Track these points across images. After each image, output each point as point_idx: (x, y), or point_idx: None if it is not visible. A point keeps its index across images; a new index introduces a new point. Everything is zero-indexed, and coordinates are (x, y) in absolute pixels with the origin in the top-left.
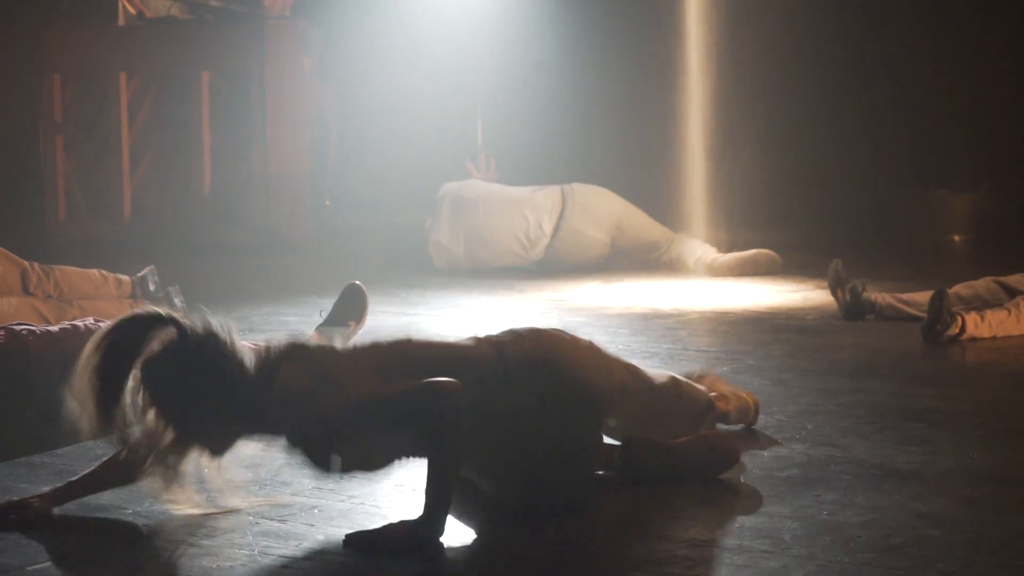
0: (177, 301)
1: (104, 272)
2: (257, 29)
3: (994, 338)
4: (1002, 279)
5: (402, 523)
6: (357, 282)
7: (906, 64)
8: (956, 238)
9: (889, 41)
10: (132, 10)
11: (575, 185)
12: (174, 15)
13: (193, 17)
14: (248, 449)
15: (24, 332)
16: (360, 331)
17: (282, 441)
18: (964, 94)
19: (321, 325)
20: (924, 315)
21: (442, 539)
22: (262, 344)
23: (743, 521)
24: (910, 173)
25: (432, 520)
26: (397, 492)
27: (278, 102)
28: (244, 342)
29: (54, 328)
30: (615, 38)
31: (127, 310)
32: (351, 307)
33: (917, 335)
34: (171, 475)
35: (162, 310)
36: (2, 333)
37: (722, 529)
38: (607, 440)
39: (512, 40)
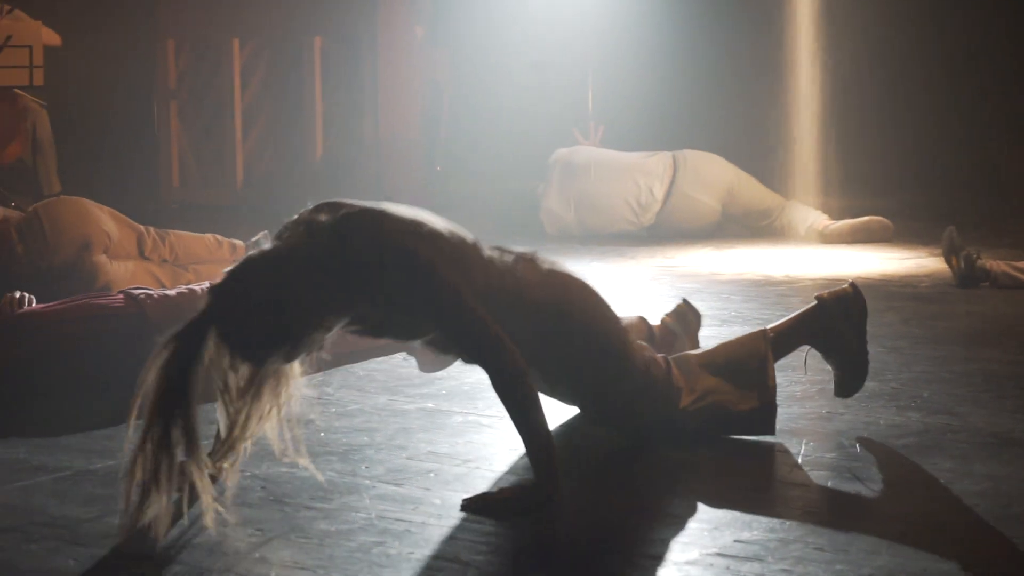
0: None
1: (218, 237)
2: None
3: None
4: None
5: (519, 486)
6: None
7: (1022, 25)
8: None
9: (1010, 5)
10: None
11: (687, 151)
12: None
13: None
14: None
15: (142, 296)
16: None
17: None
18: None
19: None
20: None
21: (558, 501)
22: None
23: (862, 489)
24: (1020, 137)
25: (544, 482)
26: (513, 455)
27: (390, 67)
28: None
29: (171, 292)
30: (727, 8)
31: None
32: None
33: None
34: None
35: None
36: (120, 297)
37: (839, 497)
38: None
39: (624, 7)
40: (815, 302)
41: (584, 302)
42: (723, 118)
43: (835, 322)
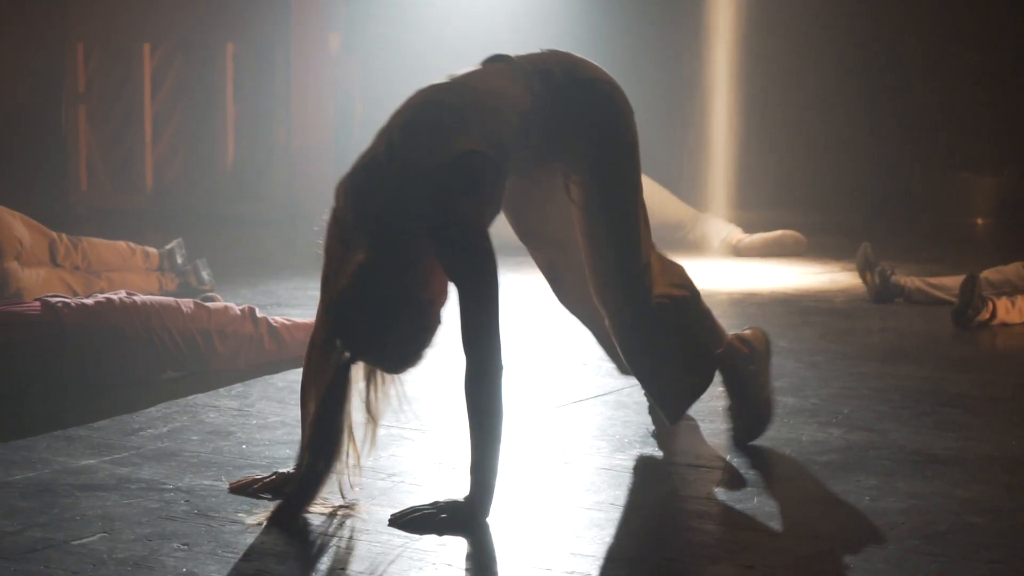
0: (204, 275)
1: (131, 244)
2: (283, 1)
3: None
4: None
5: (448, 502)
6: None
7: (934, 47)
8: (979, 221)
9: (919, 24)
10: None
11: None
12: None
13: None
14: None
15: (59, 304)
16: None
17: None
18: (990, 78)
19: None
20: (953, 299)
21: (489, 519)
22: None
23: (787, 506)
24: (935, 156)
25: (477, 498)
26: (439, 469)
27: (302, 75)
28: None
29: (89, 301)
30: (644, 15)
31: (154, 283)
32: None
33: (946, 319)
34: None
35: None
36: (37, 304)
37: (765, 514)
38: None
39: (540, 14)
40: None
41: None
42: (638, 130)
43: (740, 364)
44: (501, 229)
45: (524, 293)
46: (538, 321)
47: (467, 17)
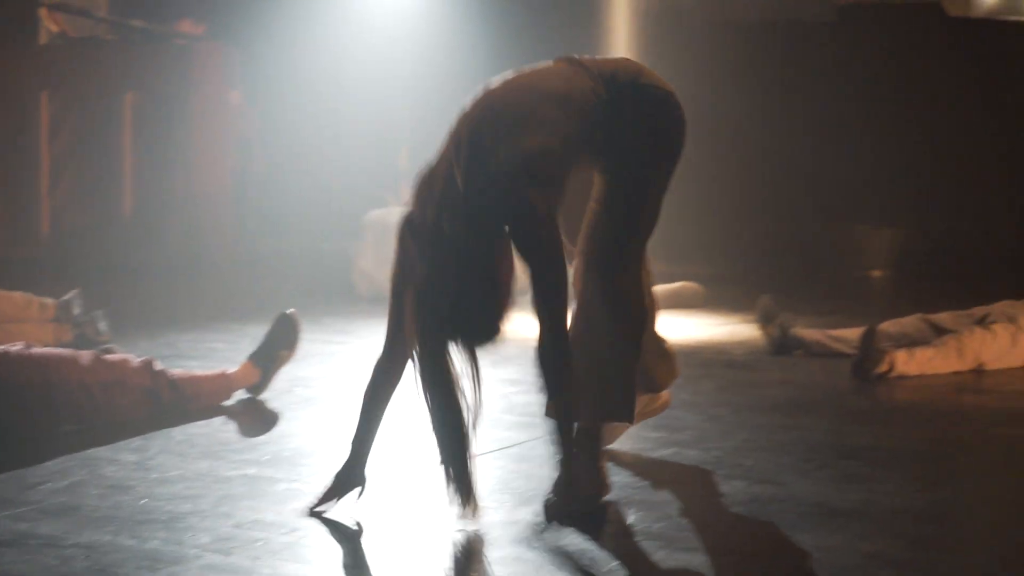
0: (102, 326)
1: (28, 295)
2: (182, 50)
3: (922, 376)
4: (929, 317)
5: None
6: (290, 311)
7: (830, 100)
8: (876, 273)
9: (813, 78)
10: (55, 28)
11: None
12: (98, 35)
13: (117, 37)
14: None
15: None
16: (291, 360)
17: None
18: (885, 131)
19: (253, 353)
20: (852, 352)
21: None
22: None
23: (692, 560)
24: (833, 208)
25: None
26: (341, 525)
27: (201, 124)
28: None
29: None
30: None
31: (50, 334)
32: (284, 336)
33: (846, 372)
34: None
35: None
36: None
37: (669, 568)
38: None
39: (438, 68)
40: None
41: None
42: None
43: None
44: None
45: None
46: None
47: (367, 70)
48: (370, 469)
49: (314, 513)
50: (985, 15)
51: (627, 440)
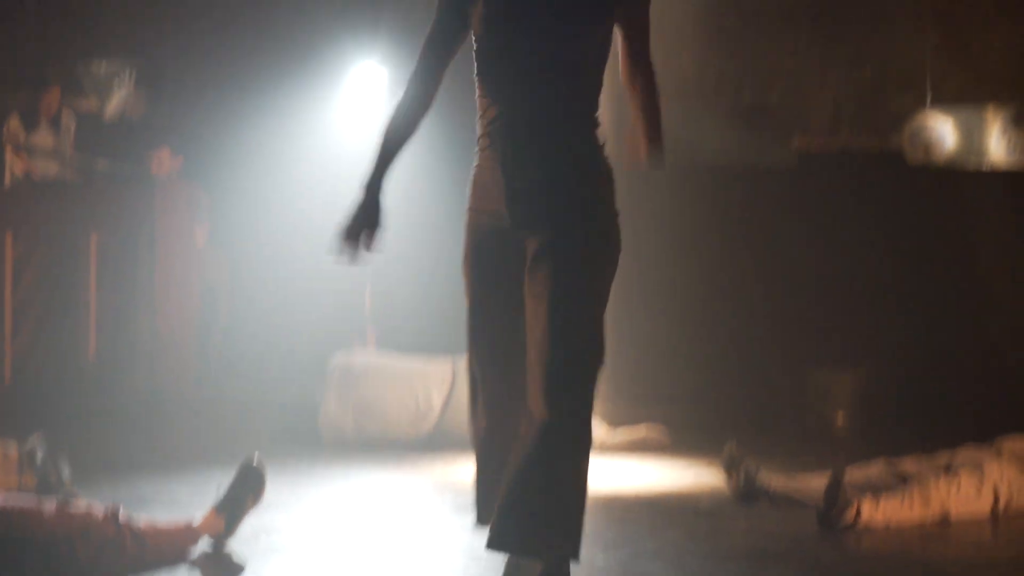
0: (64, 472)
1: None
2: (147, 192)
3: (888, 525)
4: (894, 463)
5: None
6: (255, 459)
7: (791, 245)
8: (839, 416)
9: (775, 223)
10: (19, 171)
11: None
12: (64, 177)
13: (83, 179)
14: None
15: None
16: (256, 508)
17: None
18: (846, 276)
19: (218, 502)
20: (818, 500)
21: None
22: None
23: None
24: (793, 352)
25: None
26: None
27: (167, 267)
28: None
29: None
30: None
31: (12, 480)
32: (248, 484)
33: (812, 520)
34: None
35: None
36: None
37: None
38: None
39: (401, 209)
40: None
41: None
42: None
43: None
44: None
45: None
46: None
47: (331, 215)
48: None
49: (337, 258)
50: (945, 164)
51: None
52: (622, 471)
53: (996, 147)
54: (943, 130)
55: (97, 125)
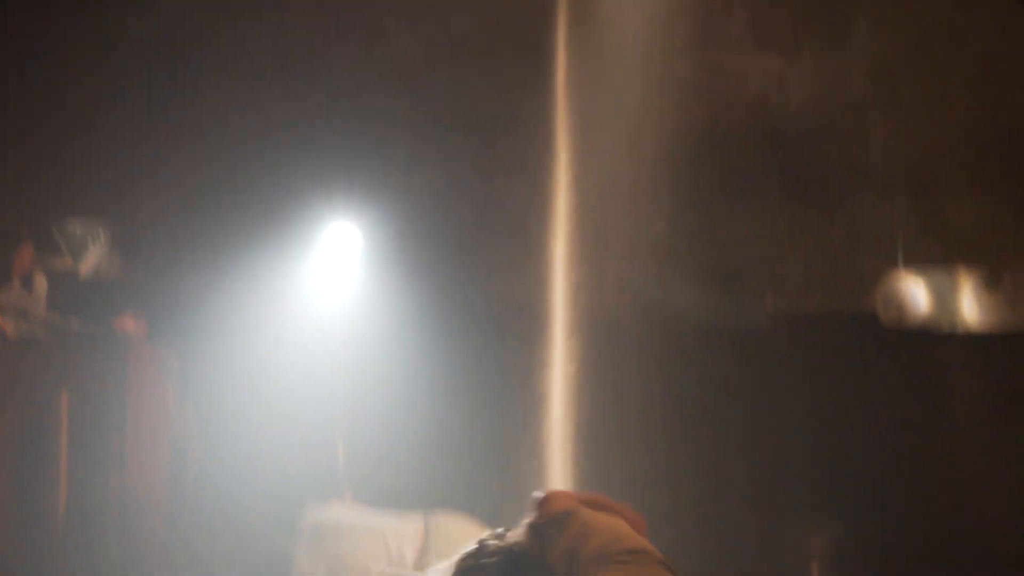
0: None
1: None
2: (119, 352)
3: None
4: None
5: None
6: None
7: (767, 405)
8: (814, 569)
9: (748, 385)
10: None
11: (438, 515)
12: (34, 336)
13: (54, 338)
14: None
15: None
16: None
17: None
18: (822, 436)
19: None
20: None
21: None
22: None
23: None
24: (769, 507)
25: None
26: None
27: (137, 426)
28: None
29: None
30: (482, 368)
31: None
32: None
33: None
34: None
35: None
36: None
37: None
38: None
39: (372, 363)
40: None
41: None
42: (478, 472)
43: None
44: None
45: None
46: None
47: (304, 368)
48: None
49: None
50: (919, 325)
51: None
52: None
53: (968, 310)
54: (915, 292)
55: (70, 284)
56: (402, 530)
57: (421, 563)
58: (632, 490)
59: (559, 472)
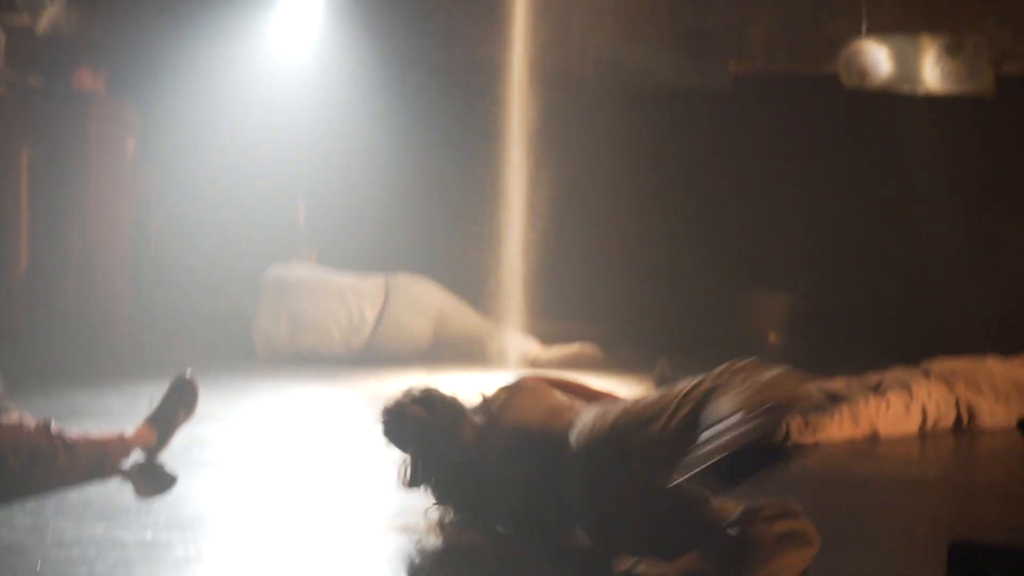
0: None
1: None
2: (78, 107)
3: (817, 444)
4: (824, 383)
5: None
6: (188, 373)
7: (726, 168)
8: (772, 337)
9: (709, 146)
10: None
11: (399, 276)
12: None
13: (13, 94)
14: None
15: None
16: (189, 421)
17: None
18: (779, 198)
19: (150, 415)
20: None
21: None
22: None
23: None
24: (729, 270)
25: None
26: None
27: (98, 181)
28: None
29: None
30: (441, 133)
31: None
32: (181, 398)
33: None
34: None
35: None
36: None
37: None
38: None
39: (337, 125)
40: None
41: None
42: (437, 241)
43: None
44: None
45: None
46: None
47: (265, 126)
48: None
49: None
50: (880, 86)
51: None
52: None
53: (930, 75)
54: (878, 56)
55: (28, 40)
56: (363, 289)
57: (381, 323)
58: (592, 256)
59: (517, 233)
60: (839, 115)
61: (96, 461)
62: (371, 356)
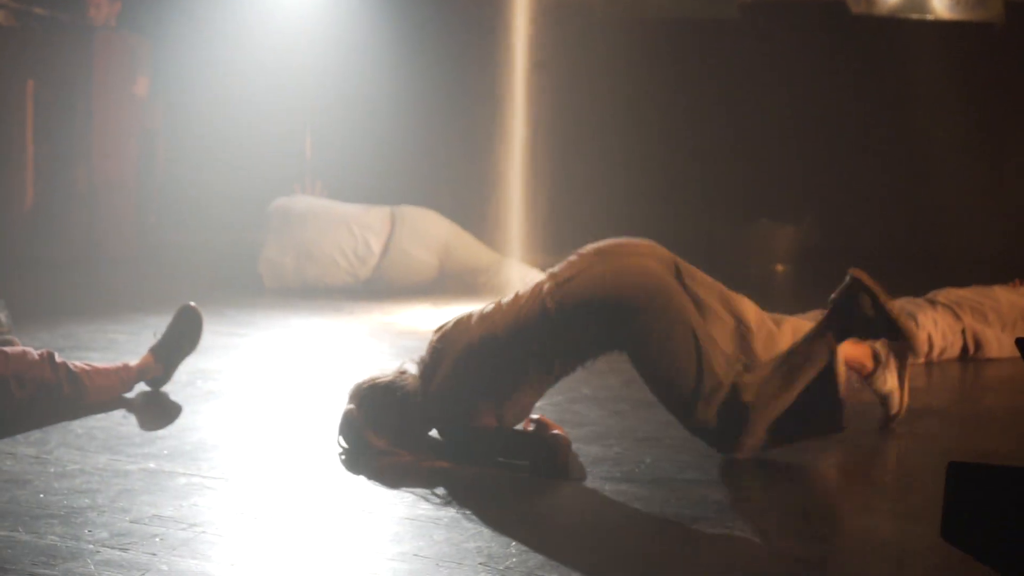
0: (2, 317)
1: None
2: (85, 40)
3: None
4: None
5: None
6: (192, 303)
7: (733, 97)
8: (779, 268)
9: (715, 75)
10: None
11: (404, 207)
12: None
13: (18, 24)
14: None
15: None
16: (193, 353)
17: None
18: (787, 128)
19: (155, 346)
20: None
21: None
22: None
23: (587, 560)
24: (736, 202)
25: None
26: (240, 519)
27: (105, 115)
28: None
29: None
30: (446, 66)
31: None
32: (186, 329)
33: None
34: None
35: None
36: None
37: (566, 561)
38: None
39: (342, 59)
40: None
41: None
42: (441, 174)
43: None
44: None
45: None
46: (342, 367)
47: (271, 60)
48: (270, 465)
49: None
50: (888, 13)
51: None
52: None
53: (939, 1)
54: None
55: None
56: (368, 220)
57: (387, 253)
58: (596, 187)
59: (519, 165)
60: (846, 43)
61: (101, 391)
62: (377, 287)
